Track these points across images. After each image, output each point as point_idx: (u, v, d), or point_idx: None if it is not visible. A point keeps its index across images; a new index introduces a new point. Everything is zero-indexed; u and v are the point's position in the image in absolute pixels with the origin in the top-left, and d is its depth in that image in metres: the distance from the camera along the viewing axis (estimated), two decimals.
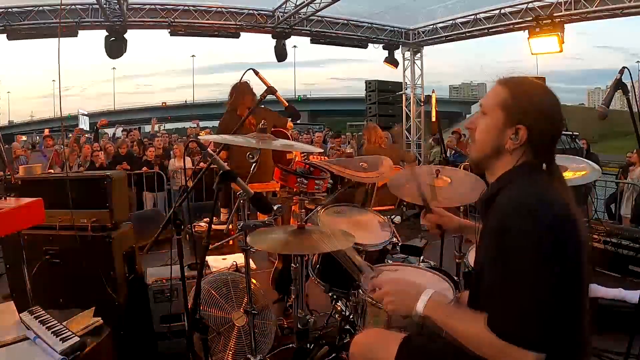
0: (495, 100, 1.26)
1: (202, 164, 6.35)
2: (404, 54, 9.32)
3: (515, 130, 1.21)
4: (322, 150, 8.32)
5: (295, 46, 27.36)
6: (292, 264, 2.27)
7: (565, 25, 6.59)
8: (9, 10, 6.47)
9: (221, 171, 1.70)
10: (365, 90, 9.94)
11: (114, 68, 53.59)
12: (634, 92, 1.99)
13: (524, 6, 6.96)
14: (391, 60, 9.07)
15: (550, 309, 1.06)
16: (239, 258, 2.84)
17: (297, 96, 45.55)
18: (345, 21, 8.32)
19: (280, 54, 8.07)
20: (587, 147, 7.59)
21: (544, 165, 1.25)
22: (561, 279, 1.07)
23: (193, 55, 65.77)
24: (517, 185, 1.19)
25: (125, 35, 6.99)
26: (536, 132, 1.20)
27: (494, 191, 1.25)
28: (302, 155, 3.33)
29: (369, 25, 8.54)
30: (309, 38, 8.41)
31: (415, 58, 9.35)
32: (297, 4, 7.08)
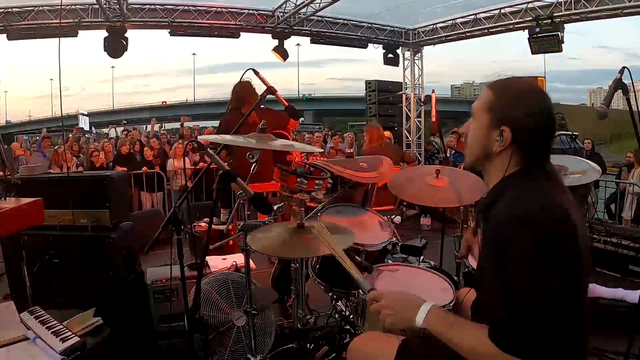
0: (482, 103, 1.26)
1: (201, 163, 6.36)
2: (404, 54, 9.31)
3: (500, 132, 1.21)
4: (322, 150, 8.34)
5: (298, 44, 27.13)
6: (292, 264, 2.28)
7: (565, 25, 6.58)
8: (9, 10, 6.46)
9: (221, 171, 1.70)
10: (365, 90, 9.94)
11: (112, 67, 53.56)
12: (634, 92, 1.99)
13: (524, 6, 6.95)
14: (391, 61, 9.07)
15: (552, 318, 1.05)
16: (239, 258, 2.84)
17: (301, 95, 45.34)
18: (345, 21, 8.31)
19: (282, 53, 8.06)
20: (592, 147, 7.58)
21: (538, 167, 1.22)
22: (562, 287, 1.06)
23: (194, 54, 65.71)
24: (513, 193, 1.18)
25: (125, 35, 6.99)
26: (521, 132, 1.19)
27: (490, 201, 1.24)
28: (302, 155, 3.34)
29: (369, 25, 8.53)
30: (309, 38, 8.41)
31: (415, 58, 9.34)
32: (297, 4, 7.08)
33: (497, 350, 1.08)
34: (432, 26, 8.55)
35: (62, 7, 6.60)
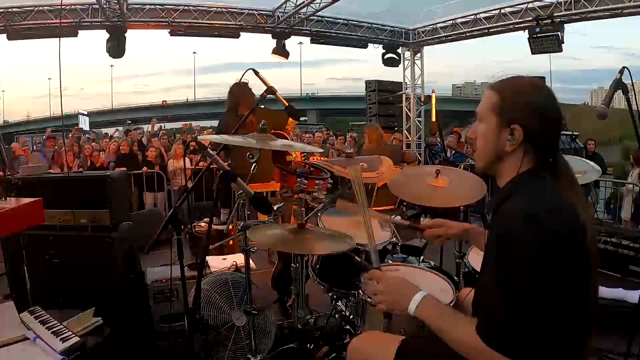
0: (488, 105, 1.25)
1: (202, 163, 6.35)
2: (404, 54, 9.31)
3: (510, 131, 1.20)
4: (322, 150, 8.34)
5: (301, 43, 26.79)
6: (292, 264, 2.27)
7: (565, 25, 6.58)
8: (9, 10, 6.46)
9: (221, 171, 1.71)
10: (365, 90, 9.95)
11: (112, 65, 53.33)
12: (634, 91, 1.98)
13: (524, 6, 6.95)
14: (390, 62, 9.07)
15: (545, 321, 1.04)
16: (239, 258, 2.84)
17: (305, 94, 45.06)
18: (345, 21, 8.31)
19: (283, 54, 8.06)
20: (594, 148, 7.59)
21: (550, 163, 1.22)
22: (562, 291, 1.05)
23: (194, 52, 65.46)
24: (522, 192, 1.17)
25: (125, 35, 6.99)
26: (532, 129, 1.19)
27: (501, 199, 1.23)
28: (302, 155, 3.33)
29: (369, 25, 8.53)
30: (309, 38, 8.41)
31: (415, 58, 9.34)
32: (297, 4, 7.08)
33: (483, 345, 1.08)
34: (432, 26, 8.55)
35: (62, 7, 6.60)
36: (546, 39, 6.63)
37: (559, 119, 1.23)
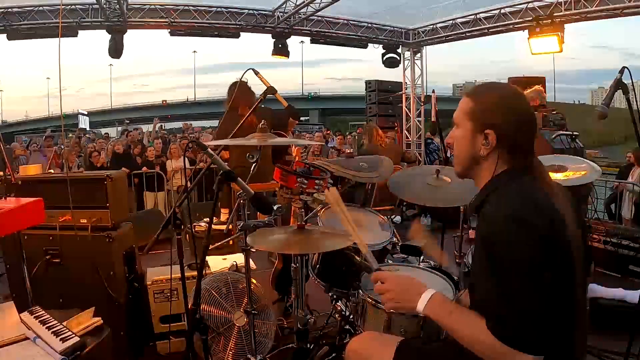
0: (462, 111, 1.30)
1: (201, 164, 6.35)
2: (404, 54, 9.30)
3: (484, 136, 1.24)
4: (322, 143, 8.35)
5: (302, 42, 26.53)
6: (292, 264, 2.27)
7: (565, 25, 6.58)
8: (9, 10, 6.46)
9: (221, 171, 1.70)
10: (365, 90, 9.95)
11: (111, 65, 53.33)
12: (634, 92, 1.99)
13: (524, 6, 6.94)
14: (390, 63, 9.06)
15: (546, 312, 1.08)
16: (239, 258, 2.84)
17: (307, 94, 44.88)
18: (345, 21, 8.31)
19: (283, 53, 8.06)
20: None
21: (525, 164, 1.25)
22: (554, 283, 1.09)
23: (194, 52, 65.59)
24: (501, 193, 1.21)
25: (125, 35, 6.99)
26: (505, 133, 1.23)
27: (479, 201, 1.27)
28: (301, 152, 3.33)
29: (369, 25, 8.53)
30: (309, 38, 8.41)
31: (415, 58, 9.34)
32: (297, 4, 7.07)
33: (495, 340, 1.10)
34: (432, 26, 8.54)
35: (62, 7, 6.60)
36: (546, 39, 6.63)
37: (532, 123, 1.27)
